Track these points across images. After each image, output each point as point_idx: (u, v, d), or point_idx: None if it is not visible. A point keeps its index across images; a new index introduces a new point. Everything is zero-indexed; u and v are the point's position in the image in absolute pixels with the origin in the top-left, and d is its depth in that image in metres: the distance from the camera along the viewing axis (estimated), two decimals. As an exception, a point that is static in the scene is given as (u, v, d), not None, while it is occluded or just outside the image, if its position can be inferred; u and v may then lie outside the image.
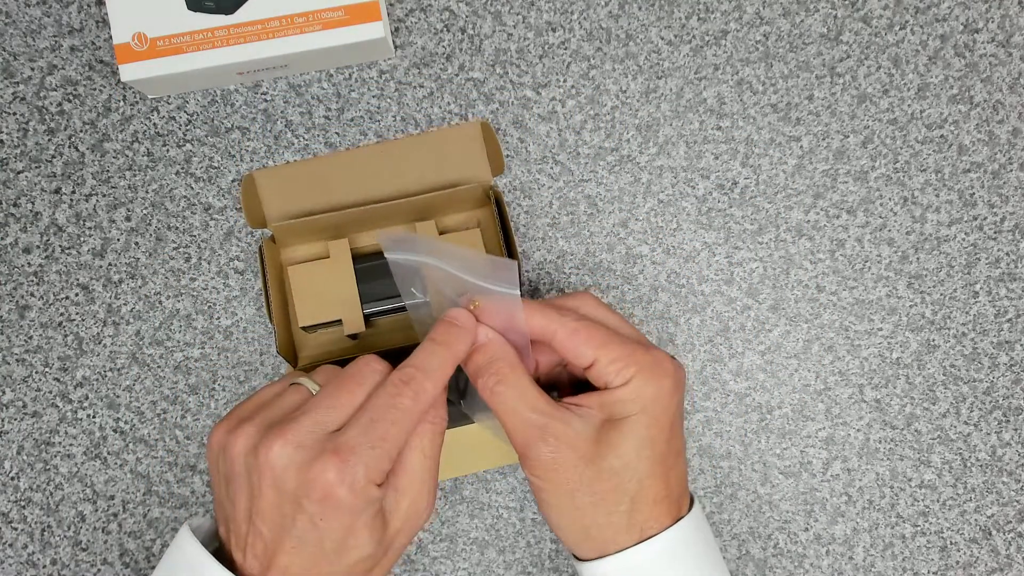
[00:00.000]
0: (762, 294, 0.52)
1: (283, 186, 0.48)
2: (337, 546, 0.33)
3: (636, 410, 0.36)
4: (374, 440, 0.33)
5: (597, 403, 0.37)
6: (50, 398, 0.51)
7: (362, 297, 0.49)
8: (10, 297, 0.51)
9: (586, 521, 0.37)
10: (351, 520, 0.33)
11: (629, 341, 0.38)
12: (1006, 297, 0.52)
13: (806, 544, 0.52)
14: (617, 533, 0.37)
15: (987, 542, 0.52)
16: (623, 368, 0.36)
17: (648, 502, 0.37)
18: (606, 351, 0.37)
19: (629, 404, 0.36)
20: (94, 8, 0.51)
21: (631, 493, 0.36)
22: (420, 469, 0.36)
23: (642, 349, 0.37)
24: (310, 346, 0.51)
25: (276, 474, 0.33)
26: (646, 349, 0.37)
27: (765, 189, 0.52)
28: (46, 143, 0.51)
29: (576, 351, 0.37)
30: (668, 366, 0.37)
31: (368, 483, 0.33)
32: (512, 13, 0.51)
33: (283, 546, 0.33)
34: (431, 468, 0.36)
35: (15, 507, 0.51)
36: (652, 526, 0.37)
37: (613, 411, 0.37)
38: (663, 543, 0.37)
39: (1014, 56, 0.51)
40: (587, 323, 0.38)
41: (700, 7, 0.51)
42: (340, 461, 0.32)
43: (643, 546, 0.36)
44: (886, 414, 0.52)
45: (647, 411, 0.36)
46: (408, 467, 0.36)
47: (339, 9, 0.47)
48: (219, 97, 0.51)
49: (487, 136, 0.48)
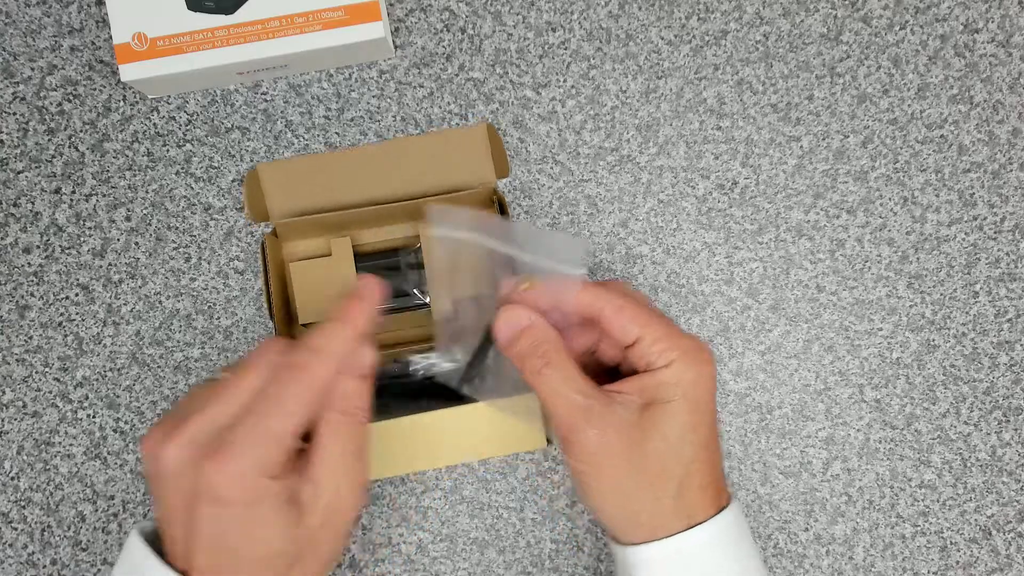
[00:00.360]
0: (762, 294, 0.52)
1: (287, 181, 0.48)
2: (242, 541, 0.33)
3: (678, 395, 0.36)
4: (258, 434, 0.33)
5: (638, 388, 0.37)
6: (50, 398, 0.51)
7: None
8: (10, 297, 0.51)
9: (635, 506, 0.37)
10: (248, 514, 0.33)
11: (670, 323, 0.38)
12: (1006, 297, 0.52)
13: (806, 544, 0.52)
14: (666, 518, 0.37)
15: (987, 542, 0.52)
16: (666, 350, 0.37)
17: (695, 488, 0.37)
18: (651, 330, 0.37)
19: (671, 388, 0.36)
20: (94, 8, 0.51)
21: (678, 478, 0.36)
22: (338, 463, 0.35)
23: (682, 332, 0.38)
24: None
25: (174, 477, 0.33)
26: (686, 333, 0.38)
27: (765, 189, 0.52)
28: (46, 143, 0.51)
29: (623, 328, 0.37)
30: (707, 353, 0.37)
31: (258, 476, 0.32)
32: (512, 13, 0.51)
33: (196, 546, 0.33)
34: (351, 462, 0.35)
35: (15, 507, 0.51)
36: (699, 513, 0.37)
37: (656, 395, 0.36)
38: (711, 531, 0.37)
39: (1014, 56, 0.51)
40: (632, 300, 0.38)
41: (700, 7, 0.51)
42: (224, 458, 0.32)
43: (693, 532, 0.36)
44: (886, 414, 0.52)
45: (688, 396, 0.36)
46: (325, 459, 0.35)
47: (339, 9, 0.47)
48: (219, 97, 0.51)
49: (492, 139, 0.48)
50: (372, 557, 0.51)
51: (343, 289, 0.48)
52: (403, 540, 0.51)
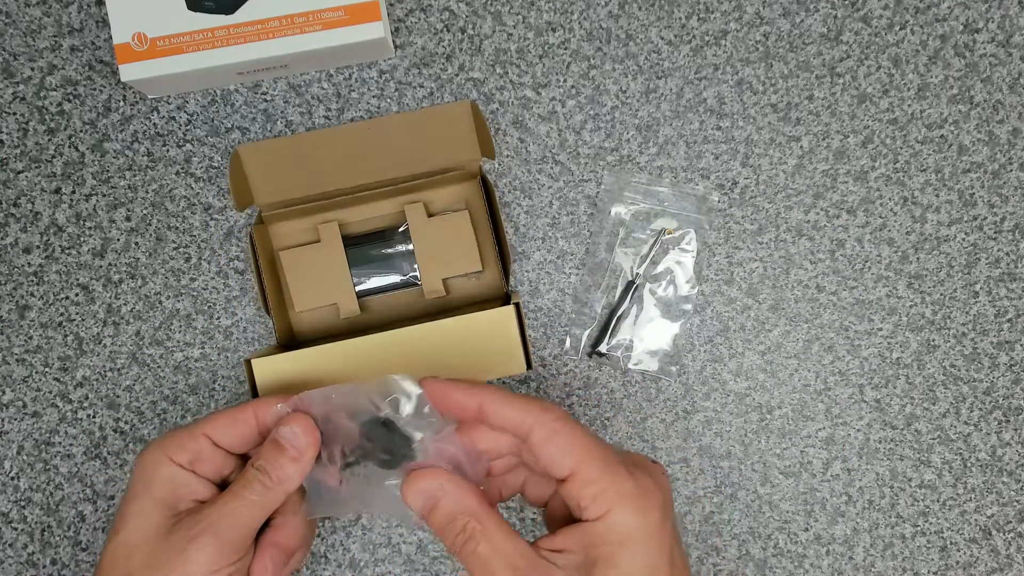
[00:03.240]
0: (762, 294, 0.52)
1: (270, 162, 0.48)
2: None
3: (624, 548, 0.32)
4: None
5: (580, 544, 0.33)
6: (50, 398, 0.51)
7: (354, 279, 0.50)
8: (10, 297, 0.51)
9: None
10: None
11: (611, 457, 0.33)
12: (1006, 297, 0.52)
13: (806, 544, 0.52)
14: None
15: (987, 542, 0.52)
16: (601, 495, 0.32)
17: None
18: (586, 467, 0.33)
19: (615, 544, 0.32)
20: (94, 8, 0.51)
21: None
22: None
23: (624, 472, 0.33)
24: (306, 331, 0.51)
25: None
26: (628, 472, 0.33)
27: (765, 189, 0.52)
28: (46, 143, 0.51)
29: (552, 458, 0.33)
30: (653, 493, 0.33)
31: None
32: (512, 13, 0.51)
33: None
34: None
35: (15, 507, 0.51)
36: None
37: (599, 553, 0.32)
38: None
39: (1014, 56, 0.51)
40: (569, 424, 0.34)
41: (700, 7, 0.51)
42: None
43: None
44: (886, 414, 0.52)
45: (637, 546, 0.32)
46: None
47: (339, 9, 0.47)
48: (219, 97, 0.51)
49: (477, 118, 0.48)
50: (372, 557, 0.51)
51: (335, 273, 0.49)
52: (403, 540, 0.51)
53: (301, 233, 0.51)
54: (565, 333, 0.52)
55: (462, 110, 0.48)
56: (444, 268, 0.50)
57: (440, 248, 0.50)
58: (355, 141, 0.48)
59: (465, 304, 0.51)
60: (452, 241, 0.50)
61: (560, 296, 0.52)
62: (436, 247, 0.50)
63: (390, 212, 0.51)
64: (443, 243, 0.50)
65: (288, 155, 0.48)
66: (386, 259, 0.51)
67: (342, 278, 0.50)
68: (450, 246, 0.50)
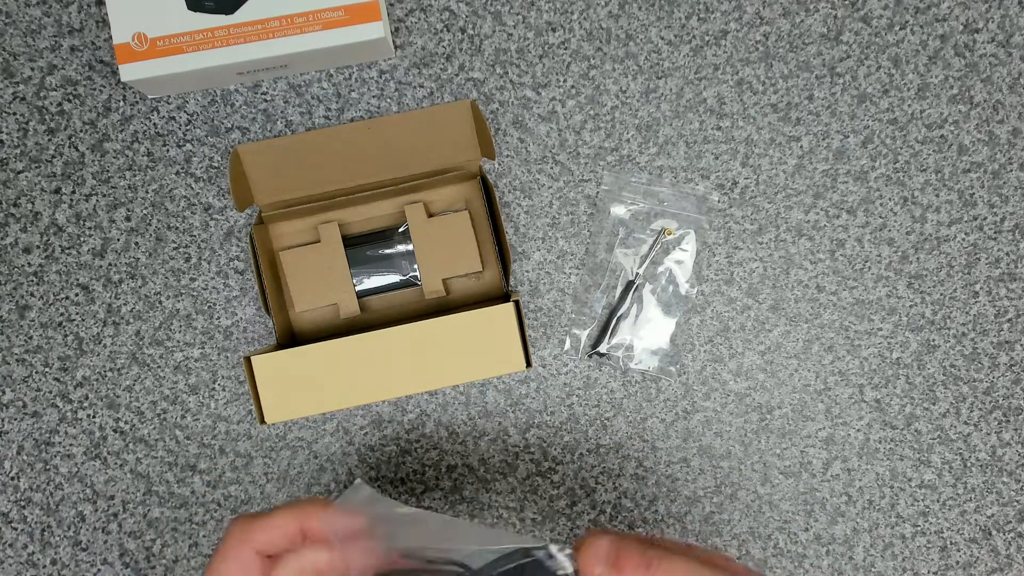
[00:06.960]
0: (762, 294, 0.52)
1: (269, 162, 0.48)
2: None
3: None
4: None
5: None
6: (50, 398, 0.51)
7: (355, 279, 0.50)
8: (10, 297, 0.51)
9: None
10: None
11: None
12: (1006, 297, 0.52)
13: (806, 544, 0.52)
14: None
15: (987, 542, 0.52)
16: None
17: None
18: None
19: None
20: (94, 8, 0.51)
21: None
22: None
23: None
24: (306, 331, 0.51)
25: None
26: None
27: (765, 189, 0.52)
28: (46, 143, 0.51)
29: None
30: None
31: None
32: (512, 13, 0.51)
33: None
34: None
35: (15, 507, 0.51)
36: None
37: None
38: None
39: (1014, 56, 0.51)
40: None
41: (700, 7, 0.51)
42: None
43: None
44: (886, 414, 0.52)
45: None
46: None
47: (339, 9, 0.47)
48: (219, 97, 0.51)
49: (476, 117, 0.48)
50: (372, 557, 0.51)
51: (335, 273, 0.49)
52: None
53: (301, 233, 0.51)
54: (565, 333, 0.52)
55: (462, 110, 0.48)
56: (444, 268, 0.50)
57: (440, 248, 0.50)
58: (355, 141, 0.49)
59: (465, 304, 0.51)
60: (452, 241, 0.50)
61: (560, 296, 0.52)
62: (436, 247, 0.50)
63: (390, 212, 0.51)
64: (443, 243, 0.50)
65: (288, 155, 0.48)
66: (386, 259, 0.51)
67: (342, 278, 0.50)
68: (450, 246, 0.50)
